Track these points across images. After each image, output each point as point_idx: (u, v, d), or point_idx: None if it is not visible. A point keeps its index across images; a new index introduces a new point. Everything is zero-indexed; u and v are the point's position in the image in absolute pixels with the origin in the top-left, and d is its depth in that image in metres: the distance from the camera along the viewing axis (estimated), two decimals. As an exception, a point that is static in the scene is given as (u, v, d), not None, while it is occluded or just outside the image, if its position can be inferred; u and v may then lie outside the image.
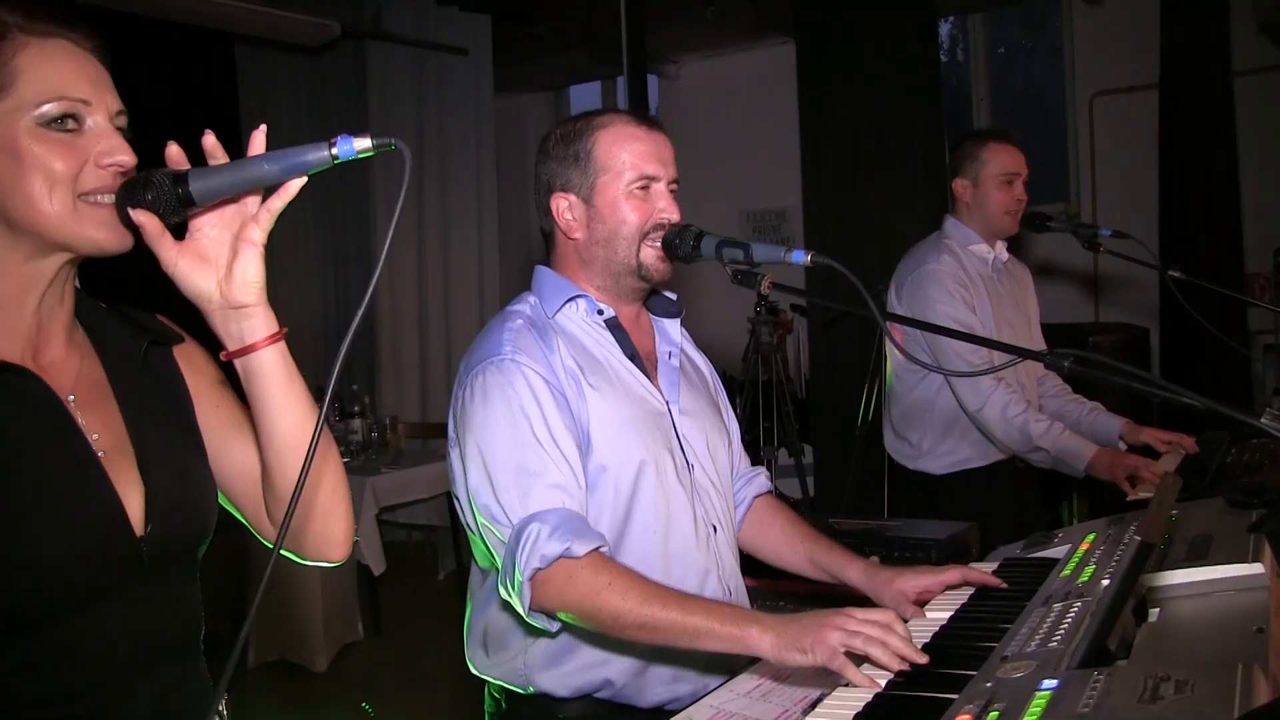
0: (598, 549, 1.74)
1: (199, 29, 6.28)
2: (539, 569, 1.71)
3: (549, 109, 9.23)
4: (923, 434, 3.45)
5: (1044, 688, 1.20)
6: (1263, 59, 6.10)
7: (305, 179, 1.23)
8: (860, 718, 1.38)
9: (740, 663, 1.94)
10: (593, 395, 1.90)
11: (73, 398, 1.33)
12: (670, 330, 2.13)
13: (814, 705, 1.49)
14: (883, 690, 1.46)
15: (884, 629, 1.54)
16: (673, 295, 2.14)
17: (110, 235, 1.27)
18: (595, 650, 1.88)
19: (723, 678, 1.91)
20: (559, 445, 1.82)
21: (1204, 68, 5.81)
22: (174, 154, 1.23)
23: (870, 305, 1.78)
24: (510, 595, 1.77)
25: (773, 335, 5.68)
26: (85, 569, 1.25)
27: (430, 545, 6.74)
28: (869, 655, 1.51)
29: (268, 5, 6.12)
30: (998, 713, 1.19)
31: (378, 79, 7.45)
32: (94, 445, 1.32)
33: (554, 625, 1.79)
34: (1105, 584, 1.65)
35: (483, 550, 1.94)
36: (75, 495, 1.27)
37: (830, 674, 1.55)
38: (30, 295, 1.30)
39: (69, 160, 1.24)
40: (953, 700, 1.30)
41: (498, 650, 1.96)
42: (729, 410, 2.27)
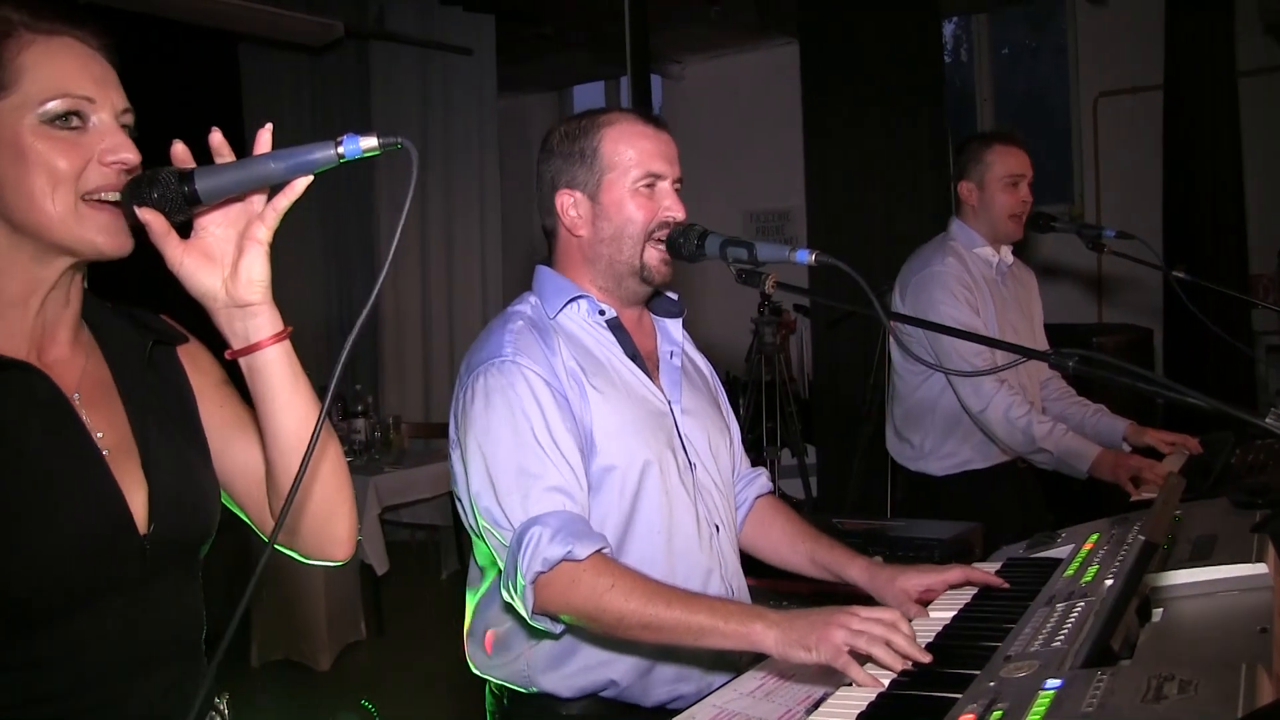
0: (600, 551, 1.73)
1: (202, 28, 6.28)
2: (541, 572, 1.71)
3: (553, 109, 9.23)
4: (925, 435, 3.45)
5: (1047, 687, 1.20)
6: (1267, 59, 6.09)
7: (311, 178, 1.22)
8: (863, 717, 1.38)
9: (744, 661, 1.94)
10: (595, 396, 1.89)
11: (77, 396, 1.33)
12: (672, 330, 2.12)
13: (817, 705, 1.48)
14: (886, 690, 1.46)
15: (888, 627, 1.53)
16: (674, 295, 2.13)
17: (110, 240, 1.27)
18: (599, 651, 1.88)
19: (727, 675, 1.91)
20: (560, 447, 1.81)
21: (1208, 68, 5.80)
22: (179, 152, 1.23)
23: (875, 304, 1.78)
24: (513, 599, 1.76)
25: (776, 335, 5.69)
26: (88, 566, 1.25)
27: (433, 545, 6.74)
28: (872, 655, 1.51)
29: (271, 5, 6.12)
30: (1001, 712, 1.19)
31: (381, 79, 7.44)
32: (99, 443, 1.32)
33: (557, 627, 1.79)
34: (1109, 584, 1.65)
35: (484, 551, 1.93)
36: (79, 492, 1.26)
37: (834, 672, 1.54)
38: (35, 295, 1.30)
39: (72, 158, 1.24)
40: (956, 700, 1.29)
41: (500, 651, 1.96)
42: (729, 410, 2.26)
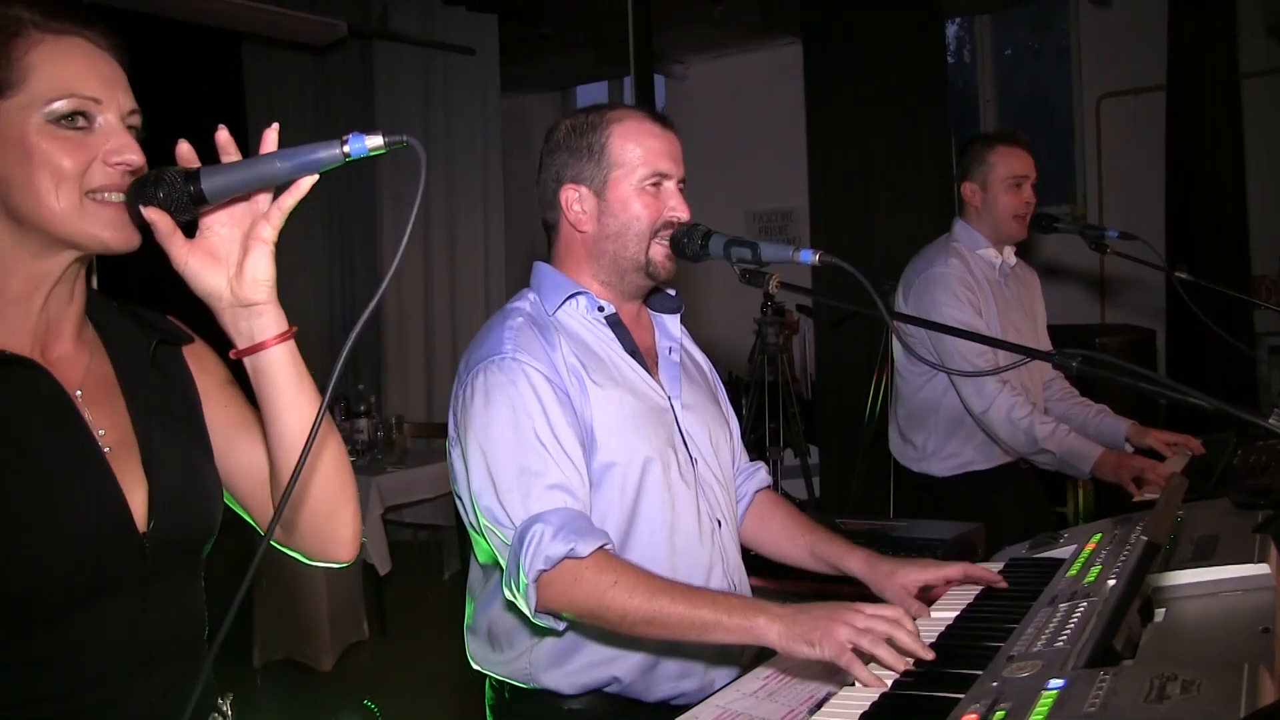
0: (602, 547, 1.73)
1: (205, 28, 6.28)
2: (544, 570, 1.70)
3: (556, 109, 9.22)
4: (928, 436, 3.46)
5: (1050, 687, 1.20)
6: (1270, 61, 6.08)
7: (317, 177, 1.22)
8: (866, 717, 1.38)
9: (747, 657, 1.94)
10: (596, 392, 1.89)
11: (80, 393, 1.33)
12: (670, 326, 2.12)
13: (820, 704, 1.48)
14: (889, 690, 1.46)
15: (891, 624, 1.54)
16: (672, 291, 2.13)
17: (116, 234, 1.27)
18: (603, 648, 1.88)
19: (729, 671, 1.92)
20: (561, 444, 1.81)
21: (1211, 69, 5.80)
22: (185, 152, 1.23)
23: (878, 304, 1.78)
24: (515, 597, 1.76)
25: (779, 336, 5.69)
26: (87, 564, 1.24)
27: (435, 545, 6.74)
28: (875, 656, 1.51)
29: (274, 4, 6.12)
30: (1004, 712, 1.19)
31: (384, 78, 7.45)
32: (100, 441, 1.32)
33: (560, 625, 1.79)
34: (1111, 584, 1.65)
35: (484, 548, 1.93)
36: (78, 489, 1.26)
37: (836, 671, 1.55)
38: (39, 292, 1.30)
39: (77, 158, 1.24)
40: (959, 700, 1.29)
41: (502, 648, 1.96)
42: (728, 404, 2.26)
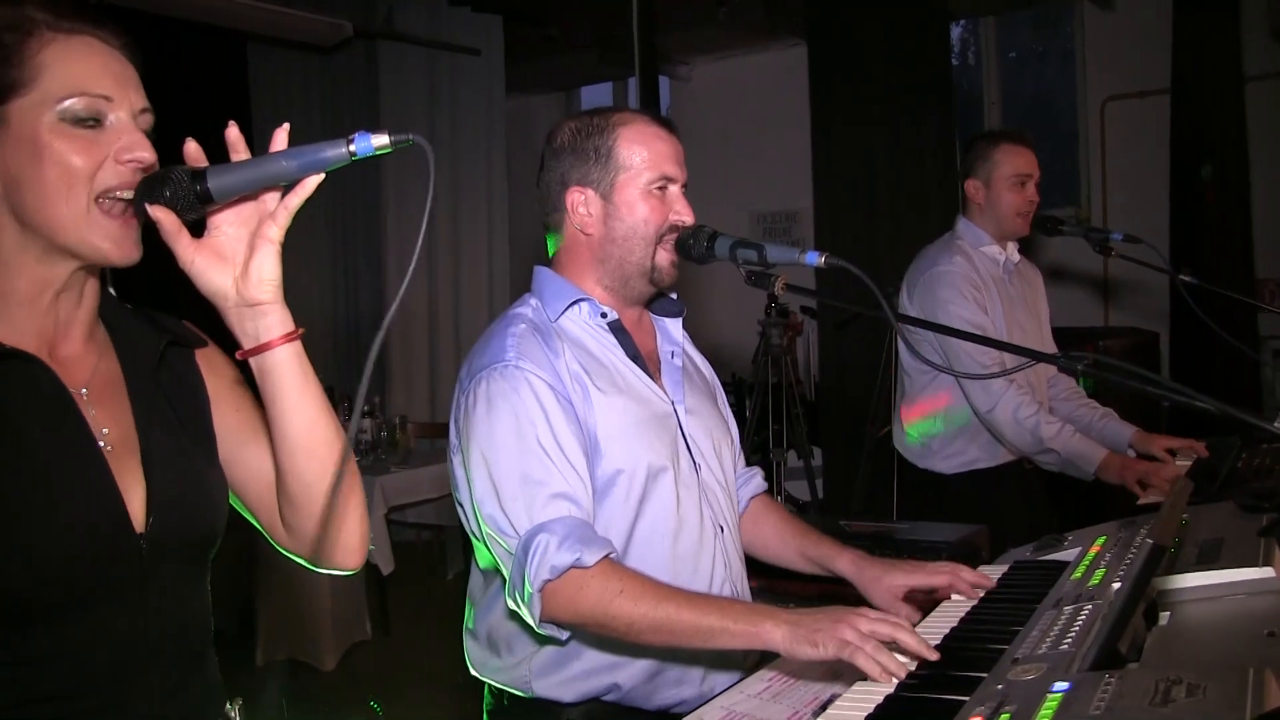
0: (607, 556, 1.72)
1: (211, 27, 6.28)
2: (549, 580, 1.70)
3: (560, 110, 9.22)
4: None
5: (1055, 690, 1.20)
6: (1274, 64, 6.07)
7: (323, 176, 1.22)
8: (871, 719, 1.38)
9: (749, 662, 1.94)
10: (600, 399, 1.88)
11: (85, 392, 1.33)
12: (672, 330, 2.11)
13: (824, 706, 1.49)
14: (893, 692, 1.46)
15: (894, 626, 1.55)
16: (673, 295, 2.12)
17: (116, 248, 1.27)
18: (603, 655, 1.87)
19: (730, 675, 1.92)
20: (565, 453, 1.80)
21: (1215, 73, 5.79)
22: (192, 151, 1.23)
23: (884, 307, 1.78)
24: (520, 607, 1.75)
25: (783, 337, 5.68)
26: (82, 562, 1.24)
27: (439, 545, 6.75)
28: (879, 662, 1.50)
29: (280, 4, 6.12)
30: (1009, 715, 1.19)
31: (389, 79, 7.45)
32: (103, 440, 1.31)
33: (564, 634, 1.78)
34: (1116, 587, 1.65)
35: (484, 554, 1.92)
36: (75, 487, 1.26)
37: (841, 674, 1.55)
38: (45, 294, 1.30)
39: (88, 156, 1.24)
40: (964, 702, 1.29)
41: (502, 654, 1.95)
42: (727, 409, 2.25)
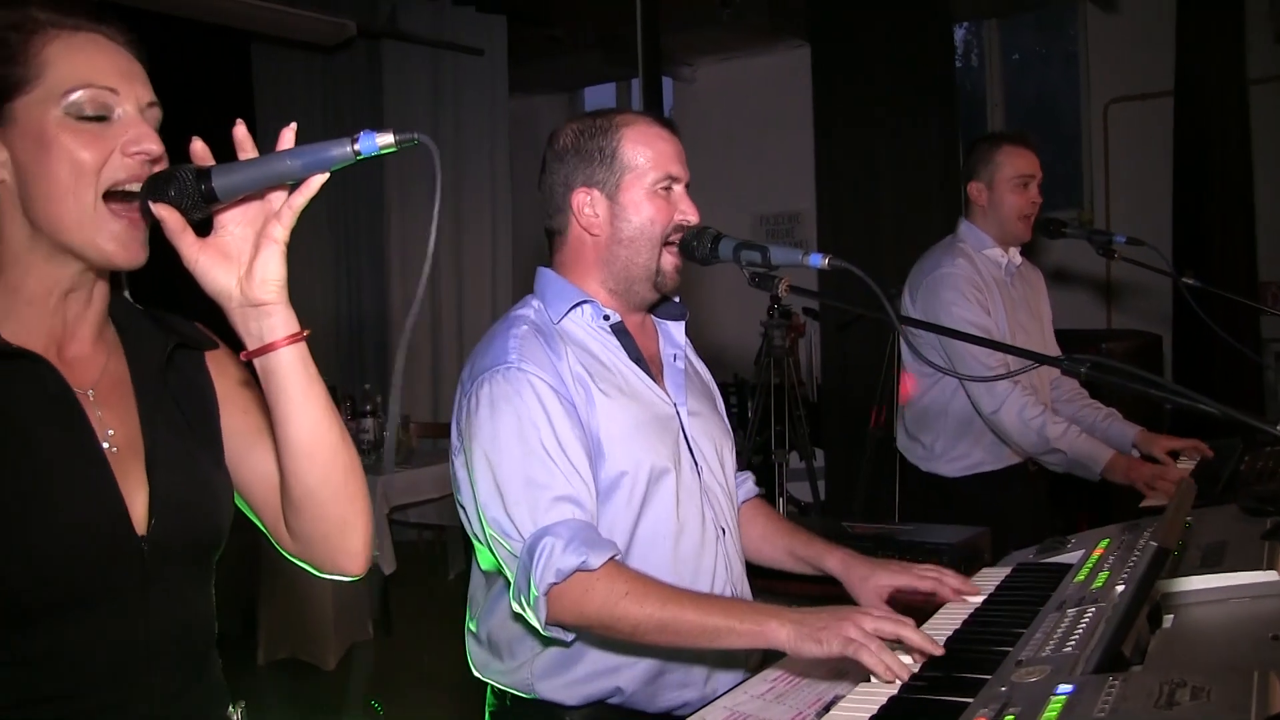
0: (612, 558, 1.72)
1: (215, 27, 6.28)
2: (554, 583, 1.69)
3: (563, 110, 9.22)
4: (936, 436, 3.45)
5: (1059, 692, 1.20)
6: (1277, 66, 6.08)
7: (327, 175, 1.21)
8: (875, 720, 1.39)
9: (753, 662, 1.94)
10: (603, 401, 1.88)
11: (92, 393, 1.32)
12: (675, 332, 2.10)
13: (828, 708, 1.48)
14: (897, 694, 1.46)
15: (898, 624, 1.55)
16: (676, 297, 2.11)
17: (120, 250, 1.27)
18: (606, 658, 1.86)
19: (735, 674, 1.92)
20: (568, 455, 1.79)
21: (1219, 75, 5.79)
22: (199, 149, 1.22)
23: (887, 309, 1.78)
24: (525, 610, 1.75)
25: (785, 339, 5.68)
26: (82, 562, 1.23)
27: (440, 545, 6.74)
28: (884, 662, 1.51)
29: (284, 4, 6.13)
30: (1013, 717, 1.19)
31: (393, 79, 7.45)
32: (109, 441, 1.31)
33: (569, 636, 1.78)
34: (1120, 589, 1.65)
35: (486, 556, 1.92)
36: (76, 487, 1.25)
37: (844, 674, 1.55)
38: (53, 294, 1.30)
39: (95, 150, 1.24)
40: (968, 704, 1.29)
41: (504, 657, 1.94)
42: (724, 412, 2.25)
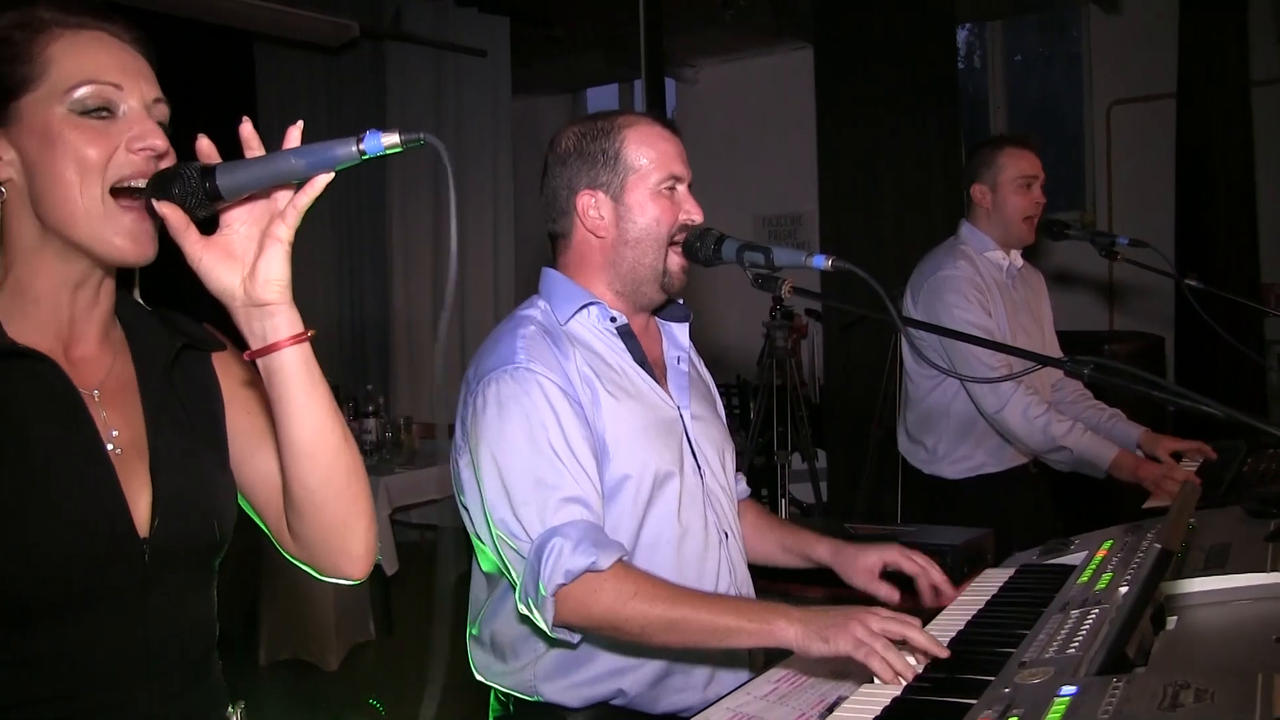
0: (620, 559, 1.72)
1: (218, 27, 6.28)
2: (563, 584, 1.69)
3: (566, 111, 9.22)
4: (938, 438, 3.45)
5: (1063, 694, 1.20)
6: (1281, 69, 6.08)
7: (332, 175, 1.20)
8: (878, 721, 1.38)
9: (759, 661, 1.94)
10: (609, 403, 1.88)
11: (97, 394, 1.32)
12: (679, 335, 2.10)
13: (831, 709, 1.48)
14: (900, 695, 1.46)
15: (904, 624, 1.56)
16: (680, 300, 2.11)
17: (130, 245, 1.26)
18: (609, 660, 1.86)
19: (739, 674, 1.92)
20: (577, 456, 1.79)
21: (1222, 77, 5.79)
22: (204, 147, 1.21)
23: (890, 310, 1.78)
24: (532, 611, 1.75)
25: (787, 340, 5.68)
26: (81, 564, 1.23)
27: (443, 545, 6.74)
28: (889, 662, 1.51)
29: (287, 5, 6.13)
30: (1016, 718, 1.19)
31: (396, 80, 7.45)
32: (113, 443, 1.31)
33: (575, 637, 1.78)
34: (1123, 591, 1.65)
35: (488, 557, 1.92)
36: (77, 488, 1.25)
37: (848, 675, 1.55)
38: (62, 293, 1.30)
39: (100, 146, 1.23)
40: (971, 705, 1.29)
41: (506, 659, 1.94)
42: (724, 416, 2.26)
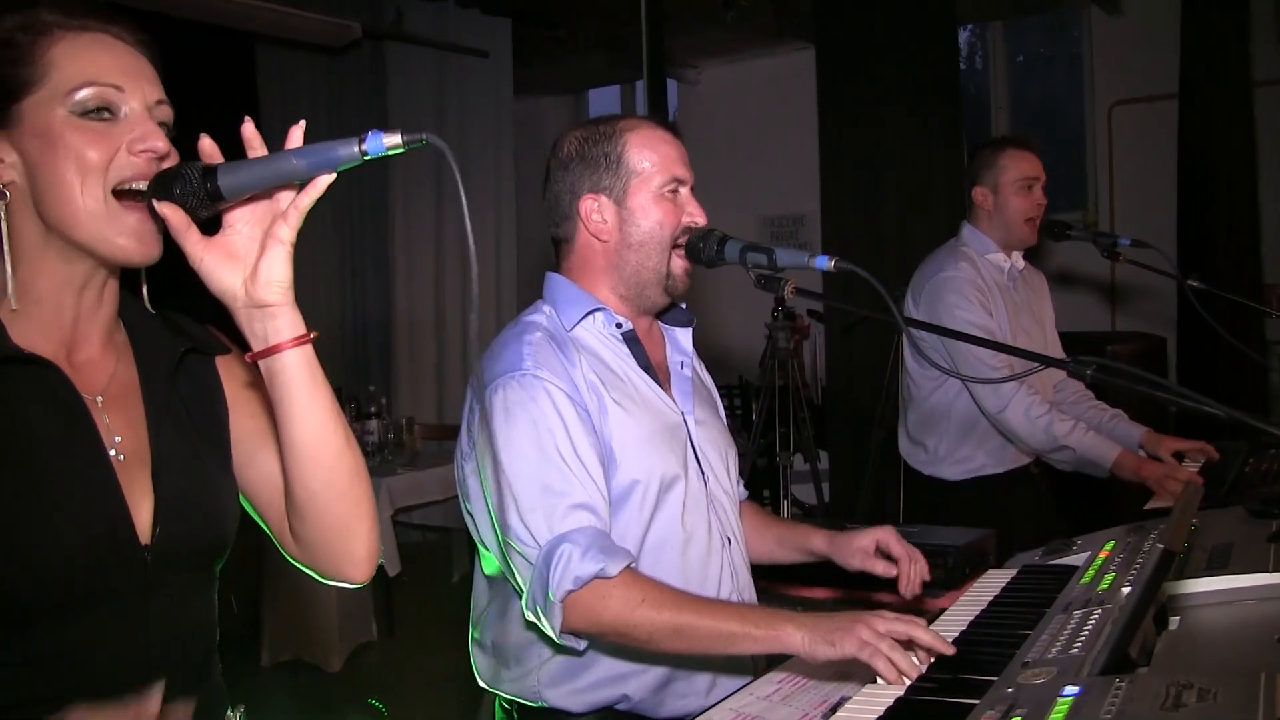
0: (628, 566, 1.73)
1: (219, 28, 6.27)
2: (572, 591, 1.69)
3: (568, 112, 9.22)
4: (939, 440, 3.45)
5: (1065, 694, 1.21)
6: (1282, 69, 6.08)
7: (334, 176, 1.20)
8: (880, 722, 1.39)
9: (761, 665, 1.94)
10: (615, 410, 1.88)
11: (100, 398, 1.32)
12: (682, 340, 2.11)
13: (834, 709, 1.49)
14: (903, 695, 1.46)
15: (910, 624, 1.56)
16: (683, 304, 2.11)
17: (134, 244, 1.26)
18: (613, 665, 1.86)
19: (741, 678, 1.91)
20: (584, 463, 1.79)
21: (1223, 78, 5.79)
22: (206, 147, 1.21)
23: (893, 310, 1.78)
24: (540, 618, 1.75)
25: (789, 341, 5.68)
26: (82, 568, 1.22)
27: (444, 546, 6.74)
28: (893, 662, 1.51)
29: (289, 5, 6.13)
30: (1019, 718, 1.19)
31: (398, 80, 7.46)
32: (117, 448, 1.30)
33: (581, 644, 1.78)
34: (1126, 591, 1.65)
35: (491, 563, 1.92)
36: (79, 494, 1.25)
37: (851, 676, 1.55)
38: (66, 295, 1.29)
39: (101, 148, 1.23)
40: (974, 706, 1.29)
41: (510, 665, 1.94)
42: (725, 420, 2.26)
